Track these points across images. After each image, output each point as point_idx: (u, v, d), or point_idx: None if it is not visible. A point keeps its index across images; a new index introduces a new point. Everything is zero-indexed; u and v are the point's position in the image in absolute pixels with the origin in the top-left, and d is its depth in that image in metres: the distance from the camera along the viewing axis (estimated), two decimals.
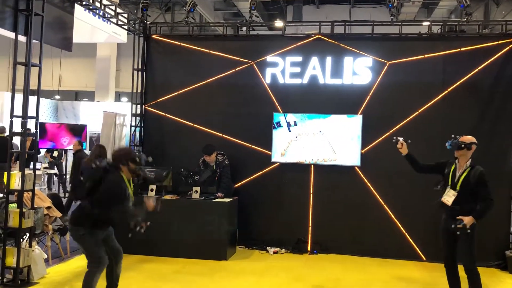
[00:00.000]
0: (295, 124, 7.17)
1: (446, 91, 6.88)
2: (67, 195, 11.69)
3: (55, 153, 12.18)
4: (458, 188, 4.66)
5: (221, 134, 7.45)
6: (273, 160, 7.28)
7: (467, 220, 4.49)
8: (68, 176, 12.54)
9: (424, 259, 6.80)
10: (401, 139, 4.95)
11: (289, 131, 7.18)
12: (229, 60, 7.48)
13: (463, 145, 4.70)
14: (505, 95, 6.76)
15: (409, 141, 4.97)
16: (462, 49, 6.87)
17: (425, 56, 6.96)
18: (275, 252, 7.01)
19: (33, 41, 5.22)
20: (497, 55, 6.76)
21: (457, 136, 4.81)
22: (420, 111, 6.93)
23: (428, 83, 6.96)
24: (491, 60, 6.77)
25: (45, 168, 11.97)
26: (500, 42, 6.79)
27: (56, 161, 12.40)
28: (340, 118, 7.06)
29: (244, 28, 8.01)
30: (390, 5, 6.95)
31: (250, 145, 7.39)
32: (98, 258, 4.17)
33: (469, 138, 4.76)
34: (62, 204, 6.73)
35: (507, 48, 6.75)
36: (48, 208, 6.01)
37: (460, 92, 6.85)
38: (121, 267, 4.51)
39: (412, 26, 7.97)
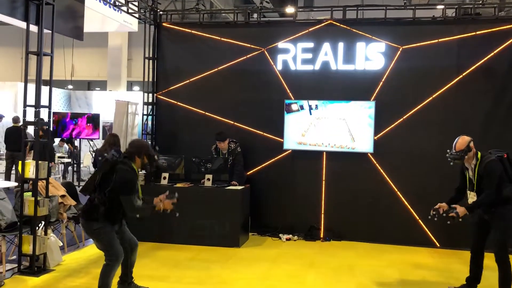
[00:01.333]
0: (316, 107, 7.11)
1: (461, 76, 6.77)
2: (81, 183, 11.86)
3: (76, 143, 12.33)
4: (475, 188, 4.67)
5: (232, 122, 7.44)
6: (285, 147, 7.26)
7: (461, 210, 4.50)
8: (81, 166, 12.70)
9: (438, 245, 6.76)
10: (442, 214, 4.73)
11: (310, 114, 7.13)
12: (240, 47, 7.43)
13: (462, 154, 4.65)
14: None
15: (438, 211, 4.75)
16: (478, 32, 6.73)
17: (439, 40, 6.84)
18: (287, 239, 7.03)
19: (45, 30, 5.23)
20: None
21: (449, 151, 4.73)
22: (434, 96, 6.83)
23: (442, 68, 6.84)
24: (508, 43, 6.62)
25: (59, 157, 12.13)
26: None
27: (77, 151, 12.59)
28: (352, 104, 7.00)
29: (255, 15, 7.94)
30: None
31: (262, 133, 7.37)
32: (115, 252, 4.15)
33: (463, 143, 4.66)
34: (76, 192, 6.81)
35: None
36: (63, 196, 6.08)
37: (475, 76, 6.72)
38: (136, 255, 4.56)
39: (426, 10, 7.81)
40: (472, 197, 4.72)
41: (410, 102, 6.90)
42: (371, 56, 7.05)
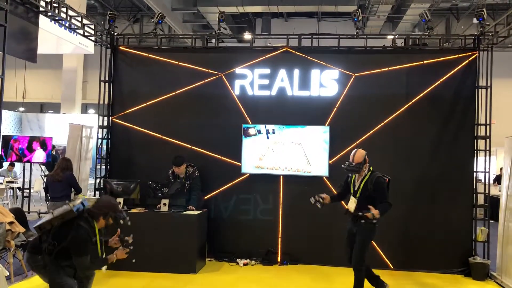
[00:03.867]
0: (273, 132, 7.23)
1: (410, 103, 7.08)
2: (31, 209, 11.38)
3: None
4: (358, 195, 5.12)
5: (190, 146, 7.42)
6: (243, 171, 7.29)
7: (375, 211, 4.82)
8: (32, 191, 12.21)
9: (392, 267, 6.91)
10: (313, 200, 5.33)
11: (268, 138, 7.23)
12: (198, 72, 7.49)
13: (360, 167, 5.11)
14: (465, 106, 7.00)
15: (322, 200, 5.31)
16: (425, 62, 7.11)
17: (390, 68, 7.16)
18: (245, 264, 6.99)
19: None
20: (457, 67, 7.02)
21: (347, 162, 5.17)
22: (385, 122, 7.10)
23: (392, 95, 7.14)
24: (452, 72, 7.02)
25: (8, 182, 11.62)
26: (460, 55, 7.06)
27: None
28: (308, 129, 7.16)
29: (213, 40, 8.05)
30: (356, 19, 7.14)
31: (219, 157, 7.38)
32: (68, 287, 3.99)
33: (360, 156, 5.13)
34: (26, 219, 6.54)
35: (467, 61, 7.02)
36: (11, 223, 5.82)
37: (423, 103, 7.06)
38: (91, 283, 4.42)
39: (377, 40, 8.20)
40: (352, 203, 5.17)
41: (363, 127, 7.13)
42: (326, 82, 7.28)
